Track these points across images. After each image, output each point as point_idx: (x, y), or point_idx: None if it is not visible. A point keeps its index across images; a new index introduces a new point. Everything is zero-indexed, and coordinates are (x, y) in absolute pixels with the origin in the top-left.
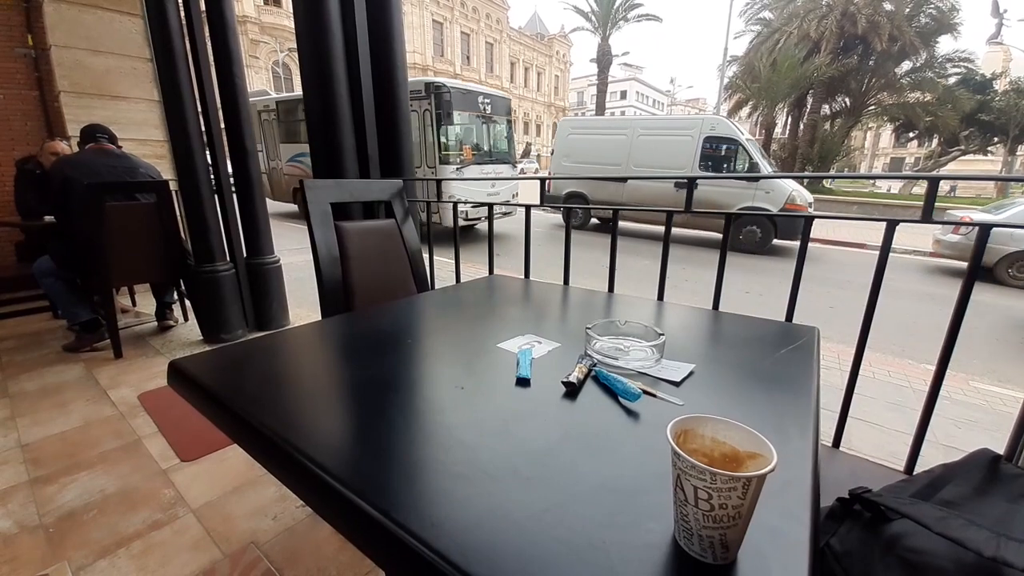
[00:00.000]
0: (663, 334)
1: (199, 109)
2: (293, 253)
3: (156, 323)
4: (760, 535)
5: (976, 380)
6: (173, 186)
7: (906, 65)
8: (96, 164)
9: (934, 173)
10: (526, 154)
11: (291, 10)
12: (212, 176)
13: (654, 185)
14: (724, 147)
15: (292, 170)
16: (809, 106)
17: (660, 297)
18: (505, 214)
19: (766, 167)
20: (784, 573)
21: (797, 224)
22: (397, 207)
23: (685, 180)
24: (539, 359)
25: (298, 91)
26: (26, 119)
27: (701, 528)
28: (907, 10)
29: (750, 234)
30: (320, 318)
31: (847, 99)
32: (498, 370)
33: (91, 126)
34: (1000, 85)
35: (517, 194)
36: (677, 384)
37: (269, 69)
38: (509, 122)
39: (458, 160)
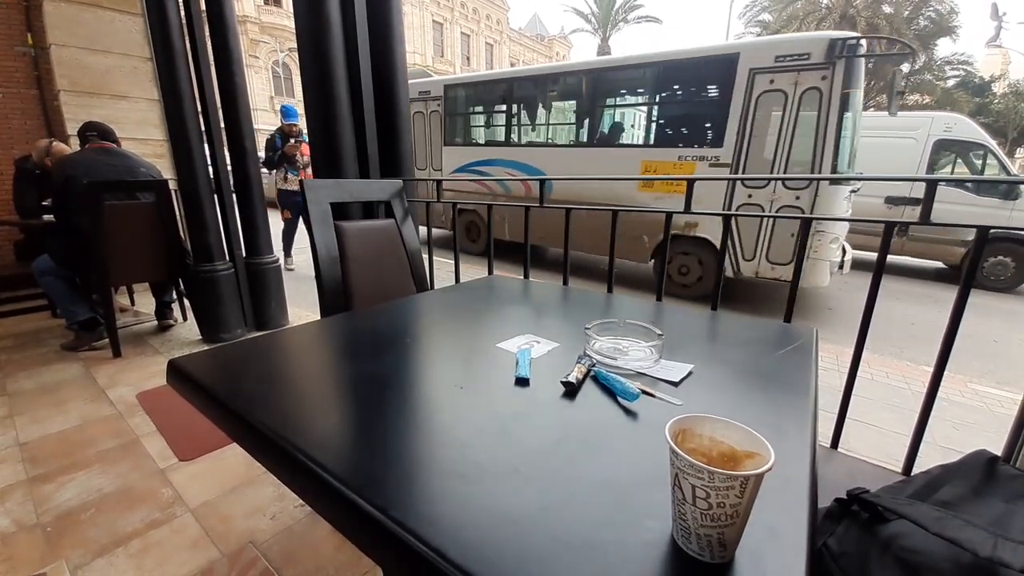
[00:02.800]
0: (662, 334)
1: (199, 108)
2: (294, 253)
3: (155, 322)
4: (758, 534)
5: (975, 382)
6: (172, 185)
7: (905, 68)
8: (96, 163)
9: (933, 175)
10: None
11: (291, 10)
12: (211, 176)
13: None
14: (964, 154)
15: (463, 185)
16: None
17: (659, 298)
18: None
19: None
20: (782, 572)
21: None
22: (397, 207)
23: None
24: (538, 359)
25: (450, 74)
26: (25, 118)
27: (699, 527)
28: (906, 13)
29: (999, 267)
30: (319, 318)
31: None
32: (497, 370)
33: (84, 124)
34: (999, 88)
35: None
36: (676, 384)
37: (269, 69)
38: None
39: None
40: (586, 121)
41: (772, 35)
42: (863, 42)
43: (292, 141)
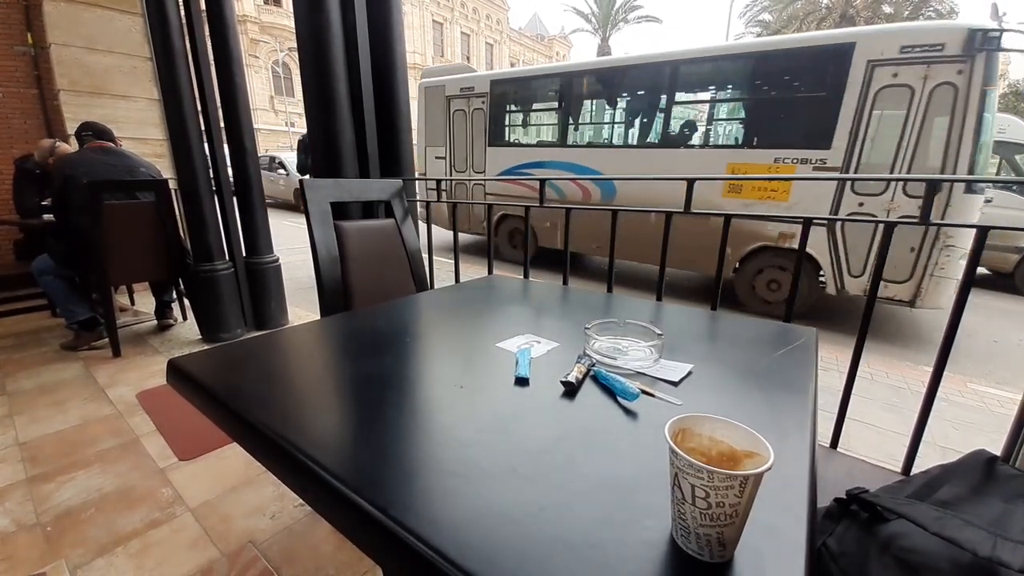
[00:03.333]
0: (662, 334)
1: (199, 108)
2: (292, 252)
3: (155, 322)
4: (757, 534)
5: (974, 382)
6: (172, 185)
7: None
8: (95, 162)
9: (933, 175)
10: None
11: (291, 10)
12: (211, 175)
13: None
14: (1011, 156)
15: (506, 187)
16: None
17: (659, 298)
18: None
19: None
20: (781, 571)
21: None
22: (396, 207)
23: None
24: (538, 359)
25: (458, 73)
26: (25, 117)
27: (698, 526)
28: (906, 13)
29: None
30: (319, 317)
31: None
32: (497, 369)
33: (80, 125)
34: (999, 88)
35: None
36: (675, 384)
37: (269, 68)
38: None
39: None
40: (659, 119)
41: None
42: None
43: None
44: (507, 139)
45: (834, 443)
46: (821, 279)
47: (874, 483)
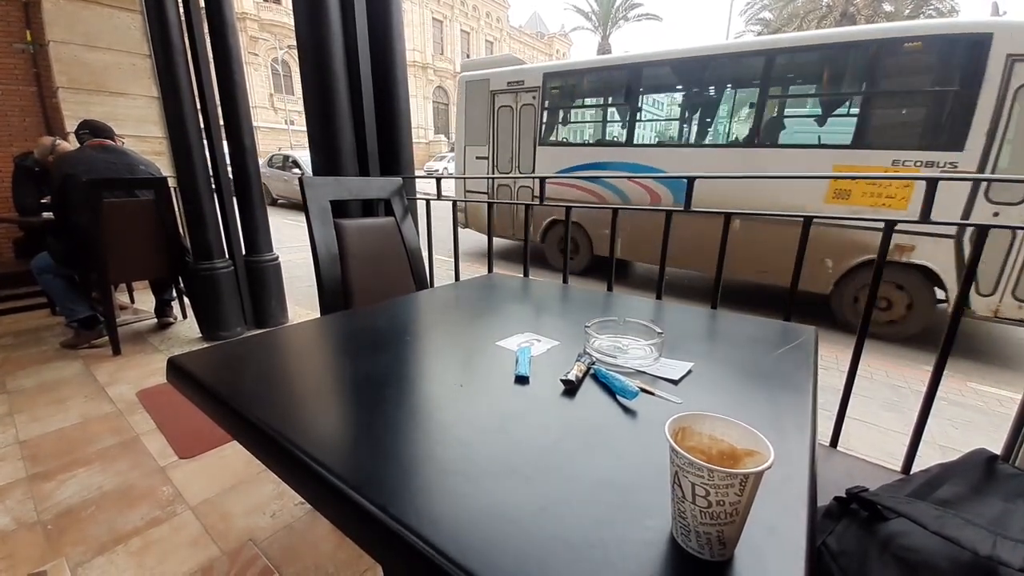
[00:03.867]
0: (662, 332)
1: (198, 106)
2: (292, 251)
3: (155, 320)
4: (757, 533)
5: (974, 381)
6: (172, 183)
7: None
8: (95, 160)
9: (933, 174)
10: None
11: (291, 7)
12: (211, 173)
13: None
14: None
15: (558, 190)
16: None
17: (658, 296)
18: None
19: None
20: (781, 569)
21: None
22: (396, 205)
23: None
24: (538, 357)
25: (505, 65)
26: (24, 115)
27: (698, 525)
28: (907, 11)
29: None
30: (319, 316)
31: None
32: (497, 368)
33: (80, 123)
34: None
35: None
36: (675, 382)
37: (268, 66)
38: None
39: None
40: (749, 115)
41: (771, 32)
42: None
43: None
44: (561, 138)
45: (834, 442)
46: (942, 298)
47: (874, 482)
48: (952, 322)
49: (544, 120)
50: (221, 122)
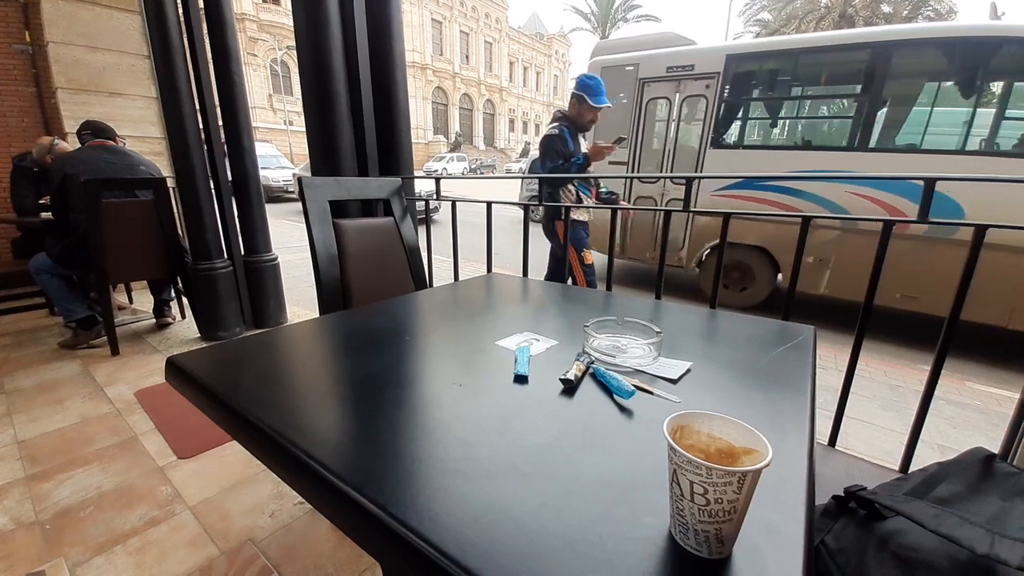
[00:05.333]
0: (660, 332)
1: (197, 106)
2: (291, 251)
3: (153, 320)
4: (755, 531)
5: (971, 381)
6: (171, 183)
7: None
8: (96, 160)
9: (931, 174)
10: (524, 153)
11: (290, 8)
12: (210, 174)
13: None
14: None
15: (723, 200)
16: None
17: (658, 296)
18: None
19: None
20: (779, 568)
21: None
22: (395, 205)
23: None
24: (537, 356)
25: (661, 46)
26: (23, 116)
27: (697, 523)
28: (905, 12)
29: None
30: (318, 316)
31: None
32: (496, 367)
33: (82, 124)
34: None
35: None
36: (674, 382)
37: (268, 67)
38: None
39: None
40: None
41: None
42: None
43: (594, 142)
44: (748, 139)
45: (832, 441)
46: None
47: (872, 481)
48: (950, 322)
49: (721, 115)
50: (220, 122)
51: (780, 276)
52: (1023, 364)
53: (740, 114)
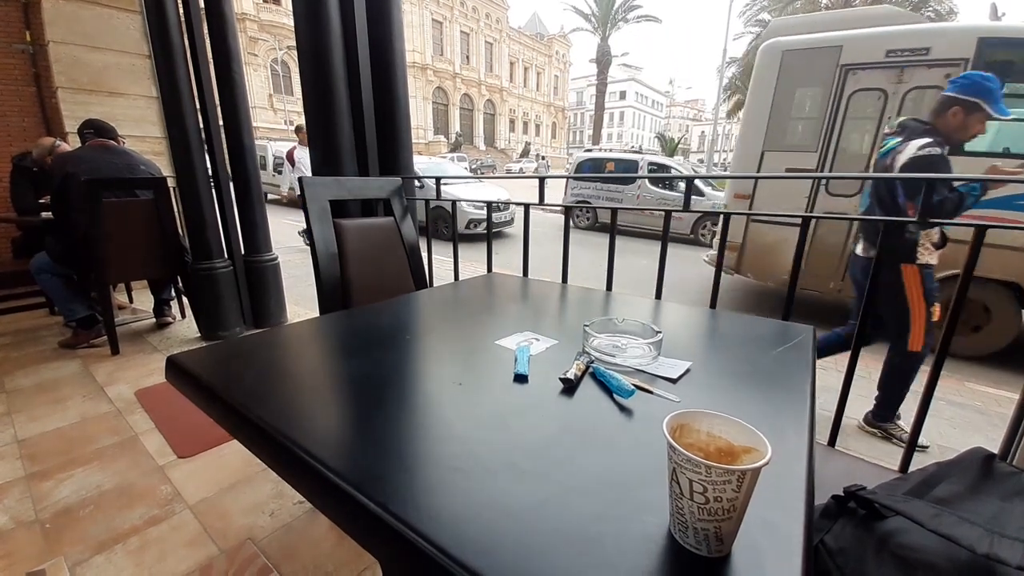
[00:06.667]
0: (660, 332)
1: (197, 106)
2: (290, 251)
3: (153, 320)
4: (755, 529)
5: (971, 381)
6: (171, 182)
7: None
8: (96, 160)
9: (932, 174)
10: (525, 153)
11: (290, 8)
12: (210, 173)
13: None
14: None
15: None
16: None
17: (658, 296)
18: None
19: None
20: (778, 566)
21: None
22: (396, 205)
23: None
24: (537, 356)
25: (872, 24)
26: (24, 115)
27: (696, 521)
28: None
29: None
30: (318, 315)
31: None
32: (496, 366)
33: (83, 123)
34: None
35: None
36: (674, 381)
37: (268, 67)
38: None
39: None
40: None
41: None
42: None
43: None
44: (998, 143)
45: (832, 441)
46: None
47: (872, 481)
48: (949, 322)
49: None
50: (220, 122)
51: None
52: (1022, 364)
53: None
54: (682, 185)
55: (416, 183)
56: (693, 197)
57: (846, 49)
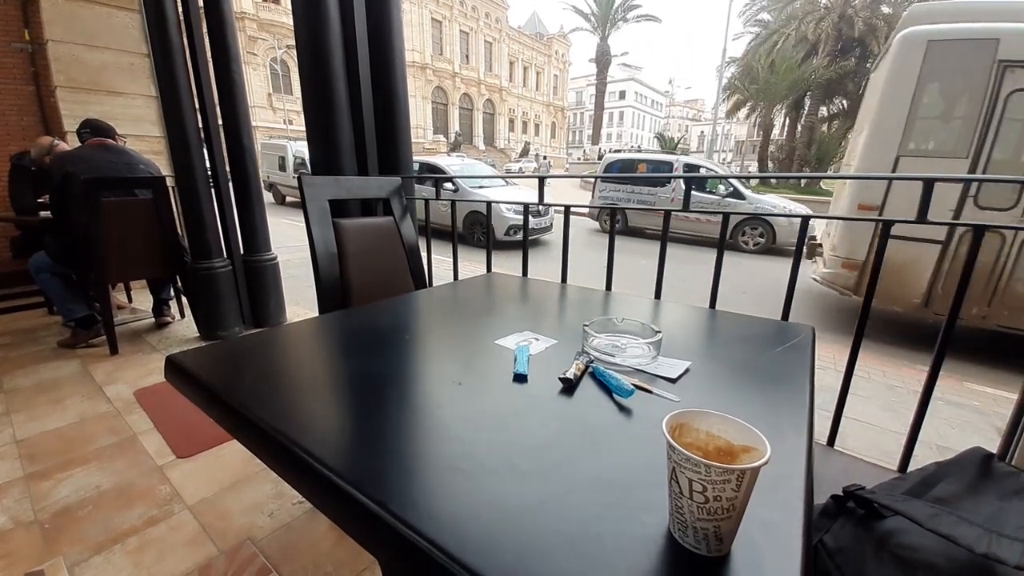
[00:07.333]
0: (660, 331)
1: (196, 105)
2: (290, 251)
3: (152, 320)
4: (754, 529)
5: (970, 381)
6: (170, 182)
7: None
8: (95, 159)
9: (930, 174)
10: (524, 153)
11: (290, 7)
12: (209, 173)
13: None
14: None
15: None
16: (807, 108)
17: (657, 296)
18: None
19: None
20: (777, 565)
21: None
22: (395, 205)
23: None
24: (536, 355)
25: (949, 23)
26: (22, 114)
27: (696, 520)
28: (904, 13)
29: None
30: (318, 315)
31: (844, 101)
32: (496, 366)
33: (82, 122)
34: None
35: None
36: (673, 381)
37: (267, 66)
38: None
39: None
40: None
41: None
42: None
43: None
44: None
45: (831, 441)
46: None
47: (870, 480)
48: (948, 323)
49: None
50: (220, 121)
51: None
52: (1021, 364)
53: None
54: (721, 187)
55: (450, 184)
56: (733, 200)
57: (1004, 43)
